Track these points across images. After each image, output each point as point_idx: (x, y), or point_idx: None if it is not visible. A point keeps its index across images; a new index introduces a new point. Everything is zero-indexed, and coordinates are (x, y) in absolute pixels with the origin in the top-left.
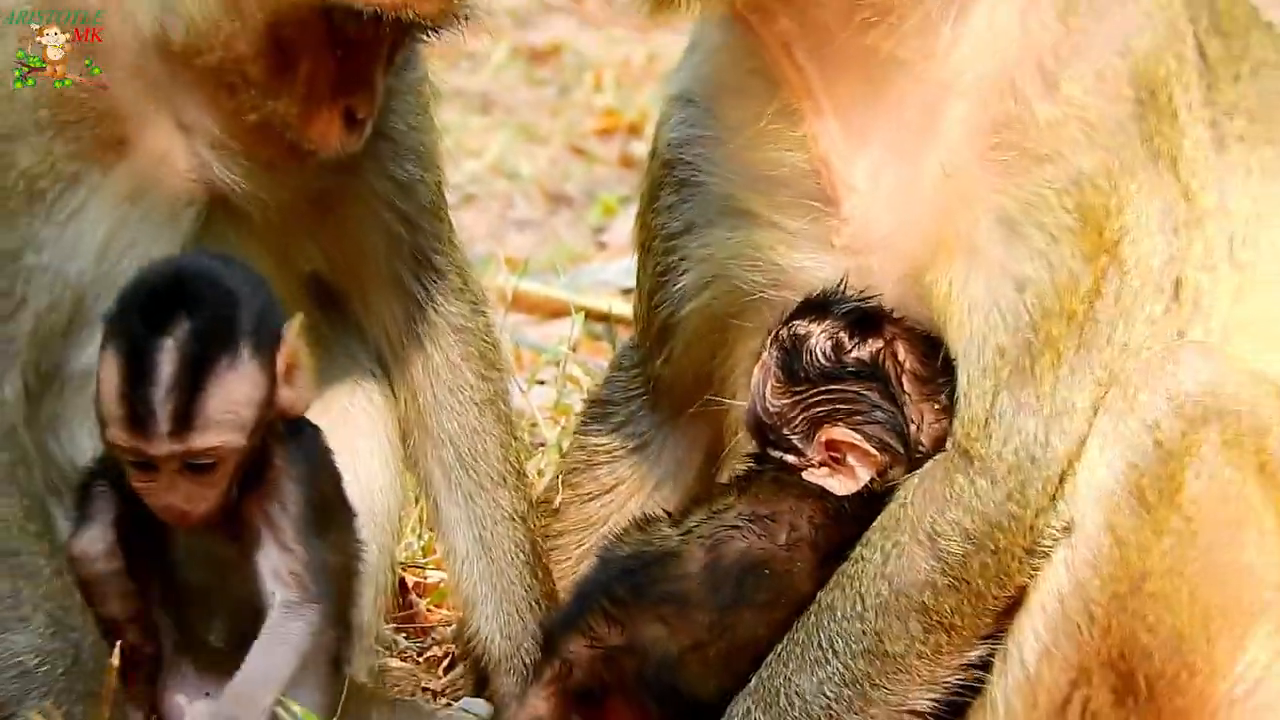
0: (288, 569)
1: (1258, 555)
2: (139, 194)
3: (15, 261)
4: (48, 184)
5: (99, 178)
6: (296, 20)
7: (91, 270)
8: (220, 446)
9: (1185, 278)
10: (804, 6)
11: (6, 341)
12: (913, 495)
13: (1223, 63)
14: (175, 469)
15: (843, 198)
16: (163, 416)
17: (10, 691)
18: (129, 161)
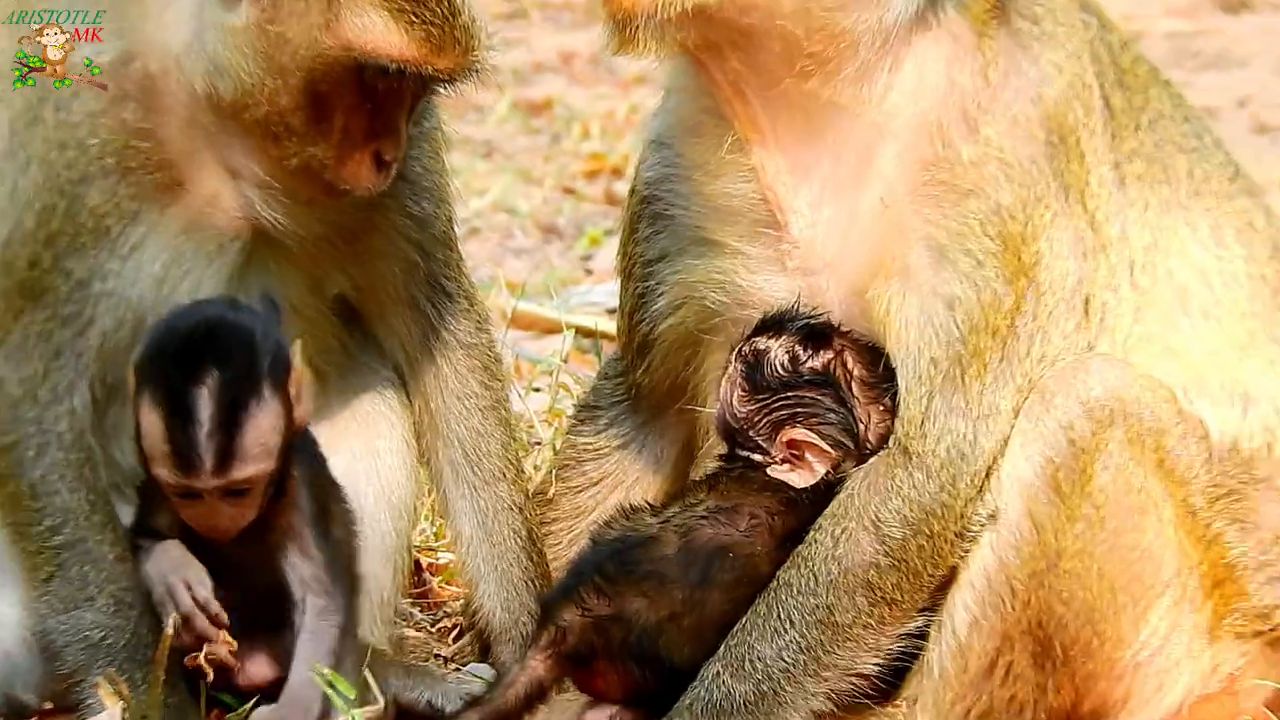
0: (312, 575)
1: (1157, 539)
2: (192, 230)
3: (85, 288)
4: (113, 221)
5: (157, 216)
6: (332, 77)
7: (151, 296)
8: (256, 475)
9: (1093, 297)
10: (751, 51)
11: (76, 357)
12: (859, 487)
13: (1125, 113)
14: (217, 497)
15: (790, 224)
16: (206, 457)
17: (80, 661)
18: (183, 202)
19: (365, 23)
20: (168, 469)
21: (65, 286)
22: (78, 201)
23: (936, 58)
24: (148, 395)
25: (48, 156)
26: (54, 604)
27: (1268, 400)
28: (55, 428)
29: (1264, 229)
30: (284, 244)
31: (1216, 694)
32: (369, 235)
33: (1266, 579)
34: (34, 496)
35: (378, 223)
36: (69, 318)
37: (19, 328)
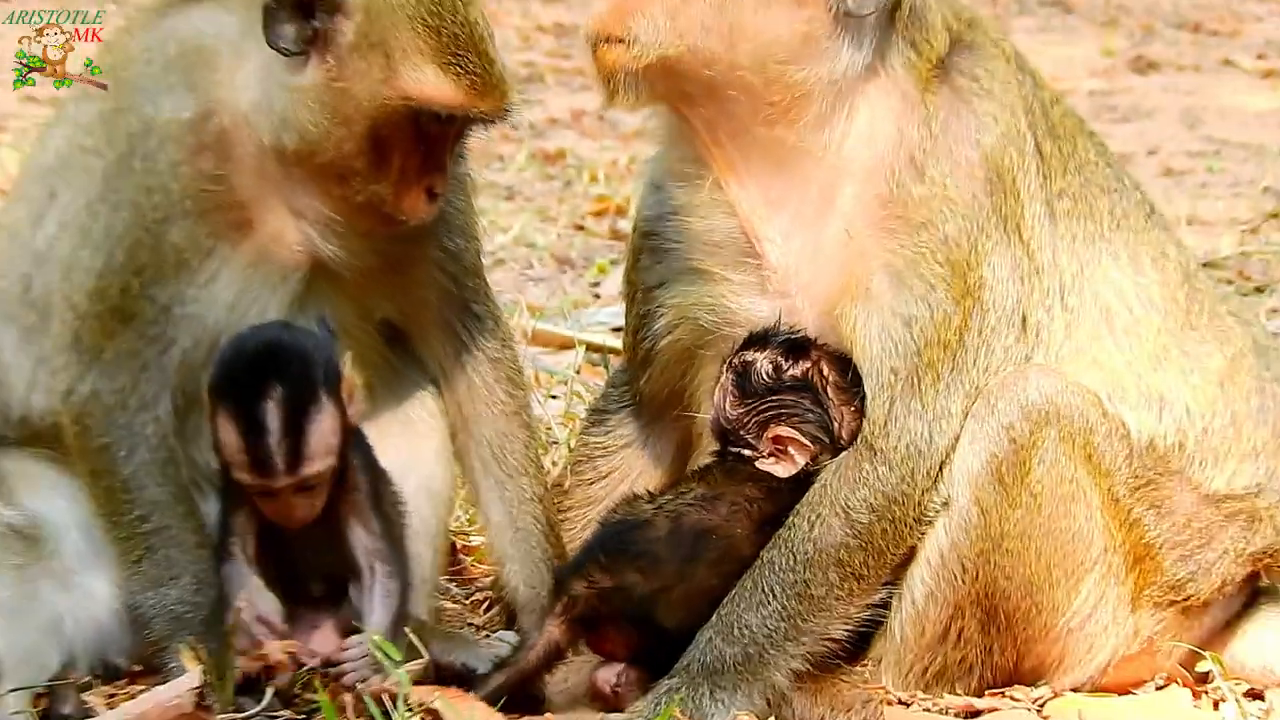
0: (375, 547)
1: (1086, 523)
2: (259, 262)
3: (168, 313)
4: (191, 255)
5: (229, 250)
6: (391, 124)
7: (224, 319)
8: (322, 470)
9: (1029, 316)
10: (720, 101)
11: (160, 371)
12: (831, 478)
13: (1055, 158)
14: (291, 492)
15: (767, 253)
16: (279, 460)
17: (165, 631)
18: (252, 238)
19: (419, 76)
20: (247, 473)
21: (151, 311)
22: (162, 238)
23: (887, 110)
24: (223, 412)
25: (137, 200)
26: (143, 582)
27: (1179, 404)
28: (143, 431)
29: (1175, 258)
30: (338, 275)
31: (1138, 654)
32: (410, 267)
33: (1179, 556)
34: (126, 490)
35: (417, 256)
36: (154, 338)
37: (111, 346)
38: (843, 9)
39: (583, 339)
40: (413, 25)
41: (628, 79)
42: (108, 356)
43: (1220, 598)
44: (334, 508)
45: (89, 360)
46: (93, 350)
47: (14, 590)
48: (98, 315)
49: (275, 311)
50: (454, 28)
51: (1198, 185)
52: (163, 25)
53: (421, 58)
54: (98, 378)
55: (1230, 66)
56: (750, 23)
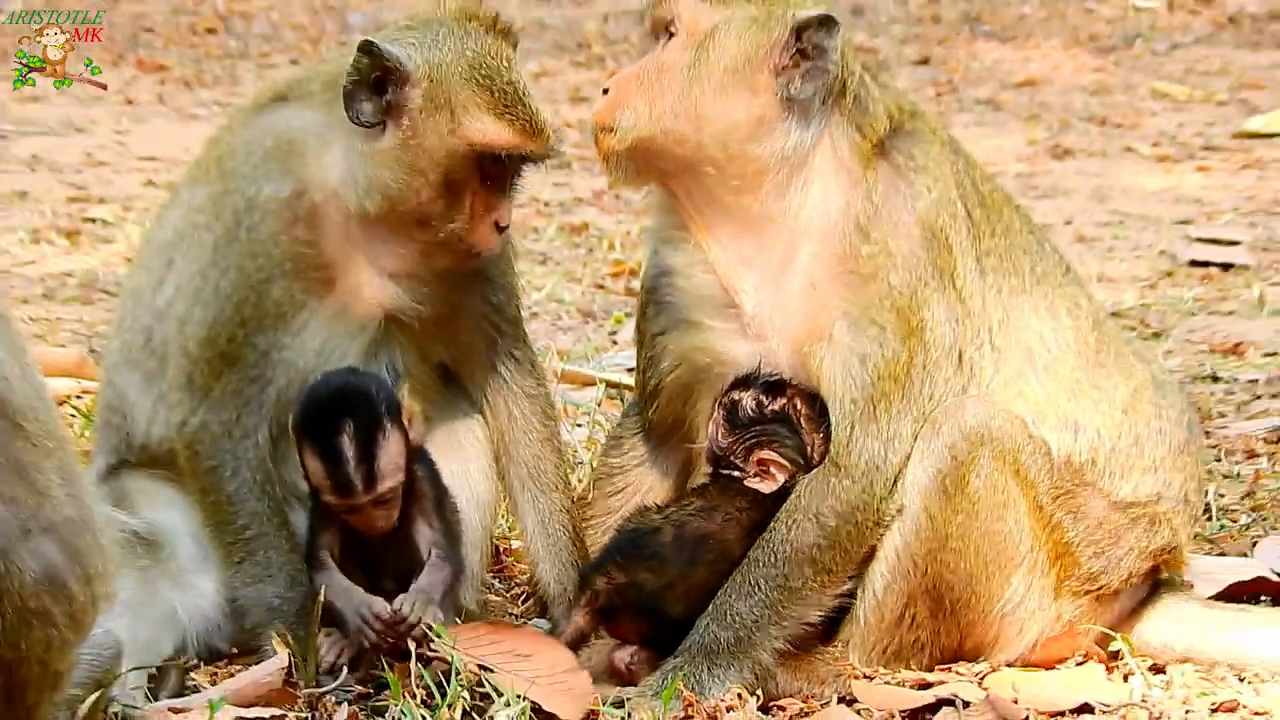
0: (435, 539)
1: (1015, 526)
2: (341, 314)
3: (267, 357)
4: (287, 309)
5: (317, 304)
6: (461, 168)
7: (312, 362)
8: (394, 486)
9: (964, 353)
10: (694, 175)
11: (260, 406)
12: (804, 490)
13: (984, 223)
14: (370, 507)
15: (744, 304)
16: (357, 482)
17: (262, 620)
18: (336, 294)
19: (481, 125)
20: (332, 495)
21: (253, 356)
22: (264, 295)
23: (835, 184)
24: (307, 446)
25: (243, 264)
26: (245, 579)
27: (1092, 428)
28: (245, 456)
29: (1087, 308)
30: (405, 326)
31: (1060, 635)
32: (462, 319)
33: (1093, 553)
34: (230, 504)
35: (468, 310)
36: (255, 378)
37: (219, 386)
38: (786, 95)
39: (603, 378)
40: (469, 85)
41: (619, 160)
42: (216, 394)
43: (1128, 587)
44: (405, 513)
45: (200, 397)
46: (204, 389)
47: (137, 588)
48: (208, 360)
49: (355, 356)
50: (503, 85)
51: (1106, 249)
52: (259, 122)
53: (480, 110)
54: (207, 411)
55: (1132, 153)
56: (712, 108)
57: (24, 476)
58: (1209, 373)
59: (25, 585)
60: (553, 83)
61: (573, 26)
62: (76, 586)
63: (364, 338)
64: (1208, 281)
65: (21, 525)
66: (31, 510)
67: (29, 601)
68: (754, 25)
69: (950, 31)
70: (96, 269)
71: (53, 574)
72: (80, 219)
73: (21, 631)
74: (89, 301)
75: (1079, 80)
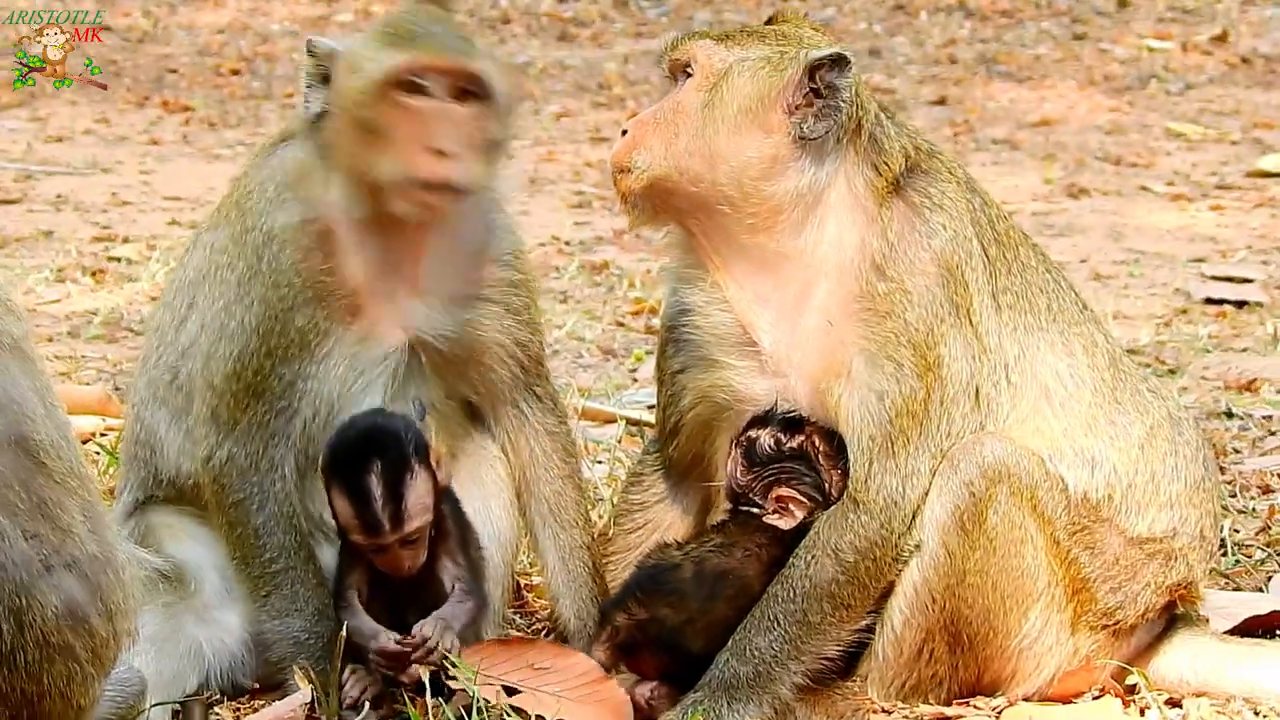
0: (459, 574)
1: (1032, 561)
2: (365, 340)
3: (292, 386)
4: (311, 336)
5: (341, 331)
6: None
7: (338, 391)
8: (421, 526)
9: (980, 389)
10: (710, 214)
11: (286, 438)
12: (823, 526)
13: (1000, 260)
14: (398, 546)
15: (761, 341)
16: (385, 522)
17: (286, 654)
18: (358, 320)
19: (378, 58)
20: (360, 535)
21: (279, 387)
22: (289, 324)
23: (851, 222)
24: (336, 487)
25: (267, 296)
26: (271, 613)
27: (1108, 464)
28: (271, 489)
29: (1103, 345)
30: (430, 359)
31: (1077, 670)
32: (486, 354)
33: (1109, 589)
34: (257, 537)
35: (491, 345)
36: (281, 410)
37: (245, 418)
38: (800, 134)
39: (623, 415)
40: (376, 36)
41: (636, 199)
42: (242, 427)
43: (1144, 622)
44: (431, 551)
45: (226, 431)
46: (229, 423)
47: (162, 624)
48: (234, 393)
49: (380, 386)
50: (406, 20)
51: (1121, 287)
52: (271, 161)
53: (379, 46)
54: (233, 445)
55: (1146, 192)
56: (726, 147)
57: (47, 513)
58: (1224, 409)
59: (48, 620)
60: (573, 123)
61: (593, 67)
62: (98, 621)
63: (388, 367)
64: (1222, 319)
65: (44, 561)
66: (54, 546)
67: (51, 636)
68: (767, 65)
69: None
70: (121, 307)
71: (75, 609)
72: (105, 258)
73: (44, 666)
74: (113, 340)
75: (1094, 120)
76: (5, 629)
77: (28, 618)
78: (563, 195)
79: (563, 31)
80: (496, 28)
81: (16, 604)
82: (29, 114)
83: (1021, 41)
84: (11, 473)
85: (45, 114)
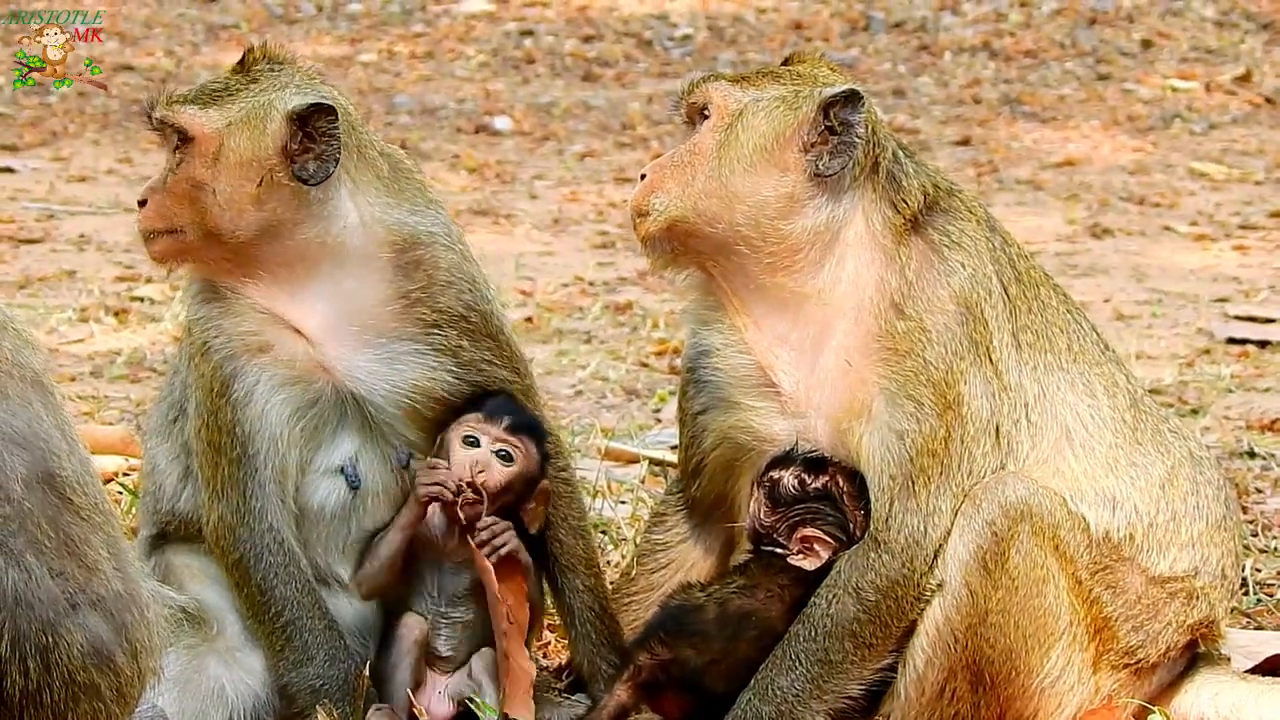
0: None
1: (1055, 601)
2: (290, 387)
3: (234, 436)
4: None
5: (255, 370)
6: None
7: (285, 435)
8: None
9: (1001, 428)
10: (729, 254)
11: (260, 486)
12: (844, 565)
13: (1020, 299)
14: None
15: (781, 382)
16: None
17: (306, 700)
18: (271, 356)
19: None
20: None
21: (229, 440)
22: (202, 372)
23: (869, 260)
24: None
25: (185, 347)
26: (286, 666)
27: (1129, 504)
28: (263, 541)
29: (1124, 385)
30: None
31: (1098, 709)
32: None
33: (1131, 627)
34: (261, 593)
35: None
36: (239, 459)
37: (218, 475)
38: (816, 171)
39: (647, 455)
40: None
41: (655, 243)
42: (216, 484)
43: (1165, 661)
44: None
45: (210, 490)
46: (209, 481)
47: (186, 665)
48: (202, 452)
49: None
50: None
51: (1144, 327)
52: None
53: None
54: (216, 503)
55: (1170, 232)
56: (742, 186)
57: (72, 551)
58: (1246, 449)
59: (73, 659)
60: (597, 163)
61: (616, 108)
62: (123, 660)
63: (332, 414)
64: (1245, 359)
65: (70, 599)
66: (80, 584)
67: (77, 675)
68: (781, 104)
69: (990, 113)
70: (144, 347)
71: (100, 647)
72: (128, 298)
73: (69, 704)
74: (136, 380)
75: (1118, 160)
76: (32, 667)
77: (54, 656)
78: (587, 235)
79: (587, 72)
80: (520, 68)
81: (43, 642)
82: (51, 154)
83: (1045, 82)
84: (40, 510)
85: (68, 154)
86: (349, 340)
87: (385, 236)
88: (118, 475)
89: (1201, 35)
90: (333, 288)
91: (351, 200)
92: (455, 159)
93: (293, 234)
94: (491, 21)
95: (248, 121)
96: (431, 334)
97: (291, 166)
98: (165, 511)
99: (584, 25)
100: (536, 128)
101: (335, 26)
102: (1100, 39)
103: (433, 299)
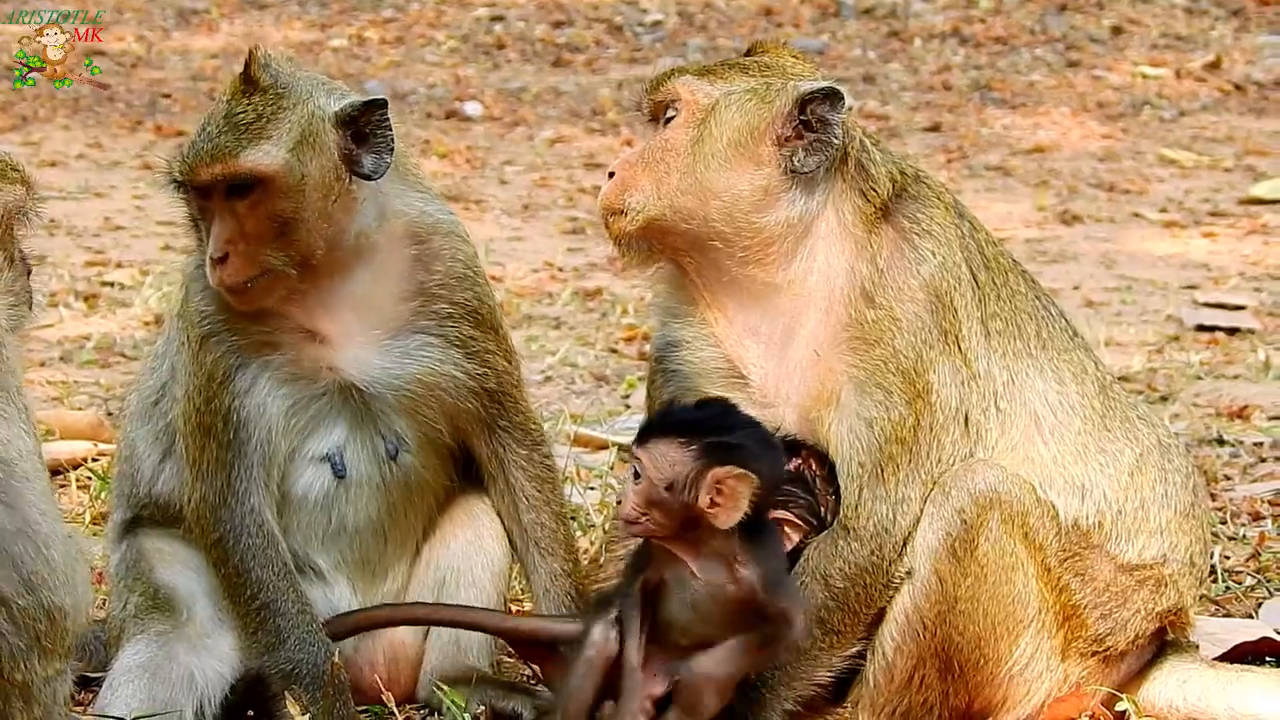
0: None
1: (1023, 588)
2: (295, 380)
3: (229, 422)
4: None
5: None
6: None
7: (280, 426)
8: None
9: (970, 416)
10: (702, 249)
11: (246, 469)
12: (813, 552)
13: (989, 287)
14: None
15: (750, 374)
16: None
17: (280, 686)
18: (279, 352)
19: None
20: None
21: (222, 424)
22: (203, 362)
23: (840, 250)
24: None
25: (183, 335)
26: (259, 649)
27: (1098, 492)
28: (244, 523)
29: (1092, 373)
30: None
31: (1067, 696)
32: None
33: (1099, 615)
34: (238, 574)
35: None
36: (229, 443)
37: (204, 457)
38: (790, 167)
39: (616, 441)
40: None
41: (630, 241)
42: (202, 465)
43: (1134, 649)
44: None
45: (194, 470)
46: (194, 462)
47: (156, 652)
48: (188, 433)
49: (333, 423)
50: (209, 118)
51: (1113, 314)
52: None
53: (168, 157)
54: (202, 484)
55: (1139, 219)
56: (717, 182)
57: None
58: (1215, 436)
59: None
60: (567, 149)
61: (586, 93)
62: (11, 590)
63: (333, 404)
64: (1214, 346)
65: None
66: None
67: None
68: (755, 97)
69: (960, 99)
70: (114, 333)
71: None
72: (98, 283)
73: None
74: (106, 365)
75: (1087, 147)
76: None
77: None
78: (556, 221)
79: (557, 57)
80: (490, 53)
81: None
82: (21, 138)
83: (1015, 68)
84: None
85: (38, 138)
86: (363, 340)
87: (405, 228)
88: (86, 460)
89: (1171, 22)
90: (352, 287)
91: (380, 191)
92: (426, 144)
93: (348, 234)
94: (462, 7)
95: (305, 142)
96: (445, 326)
97: (353, 168)
98: (142, 495)
99: (554, 11)
100: (507, 113)
101: (305, 11)
102: (1070, 25)
103: (450, 293)
